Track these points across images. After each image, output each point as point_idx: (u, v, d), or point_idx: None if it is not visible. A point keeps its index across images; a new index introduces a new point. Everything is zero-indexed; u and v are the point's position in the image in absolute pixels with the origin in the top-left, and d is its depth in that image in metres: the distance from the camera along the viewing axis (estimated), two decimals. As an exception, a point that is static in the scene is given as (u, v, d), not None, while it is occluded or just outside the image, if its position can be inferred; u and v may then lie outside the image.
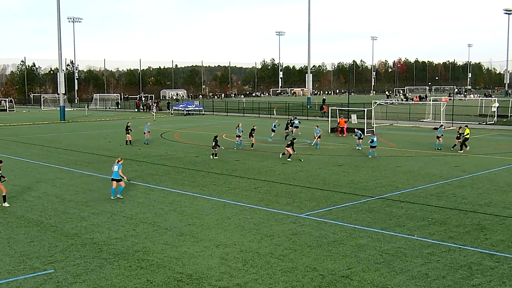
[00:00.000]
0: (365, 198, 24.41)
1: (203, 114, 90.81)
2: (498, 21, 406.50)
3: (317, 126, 44.49)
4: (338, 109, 59.67)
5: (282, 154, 36.44)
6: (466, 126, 42.77)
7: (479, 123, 62.70)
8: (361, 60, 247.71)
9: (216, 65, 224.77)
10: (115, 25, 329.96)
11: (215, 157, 36.68)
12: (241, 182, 28.23)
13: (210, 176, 30.20)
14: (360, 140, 41.21)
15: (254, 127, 43.26)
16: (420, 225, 19.83)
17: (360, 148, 40.60)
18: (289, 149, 35.43)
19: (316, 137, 42.85)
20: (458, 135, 40.27)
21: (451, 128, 59.39)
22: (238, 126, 43.28)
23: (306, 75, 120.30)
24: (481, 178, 29.04)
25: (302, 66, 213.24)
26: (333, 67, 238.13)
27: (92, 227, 19.88)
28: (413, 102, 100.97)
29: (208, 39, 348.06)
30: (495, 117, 67.19)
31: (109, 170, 32.20)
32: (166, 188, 26.86)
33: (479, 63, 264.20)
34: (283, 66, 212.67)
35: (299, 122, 53.34)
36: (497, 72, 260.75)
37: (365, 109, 55.72)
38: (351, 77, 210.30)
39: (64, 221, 20.80)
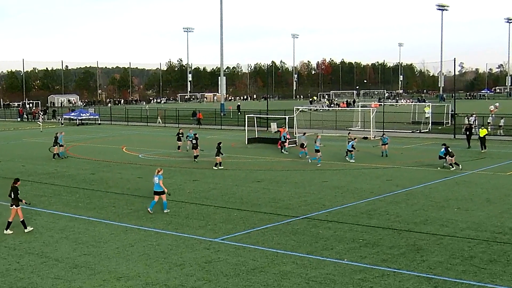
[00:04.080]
0: (288, 218, 24.66)
1: (100, 124, 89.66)
2: (430, 18, 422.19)
3: (304, 133, 46.14)
4: (256, 117, 60.12)
5: (449, 165, 37.59)
6: (482, 125, 52.97)
7: (412, 132, 64.59)
8: (281, 61, 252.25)
9: (114, 67, 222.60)
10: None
11: (220, 167, 38.13)
12: (145, 203, 27.88)
13: (108, 197, 29.75)
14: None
15: (196, 137, 43.01)
16: (350, 247, 20.20)
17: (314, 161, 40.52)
18: (452, 158, 37.22)
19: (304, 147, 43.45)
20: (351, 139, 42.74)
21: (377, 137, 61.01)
22: (317, 137, 41.90)
23: (219, 78, 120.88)
24: (416, 193, 29.94)
25: (214, 68, 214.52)
26: (249, 68, 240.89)
27: (-34, 261, 19.15)
28: (340, 108, 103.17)
29: (104, 36, 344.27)
30: (429, 125, 69.45)
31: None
32: (56, 212, 26.30)
33: (411, 64, 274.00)
34: (193, 68, 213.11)
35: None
36: (431, 75, 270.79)
37: (287, 117, 56.37)
38: (270, 80, 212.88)
39: None
